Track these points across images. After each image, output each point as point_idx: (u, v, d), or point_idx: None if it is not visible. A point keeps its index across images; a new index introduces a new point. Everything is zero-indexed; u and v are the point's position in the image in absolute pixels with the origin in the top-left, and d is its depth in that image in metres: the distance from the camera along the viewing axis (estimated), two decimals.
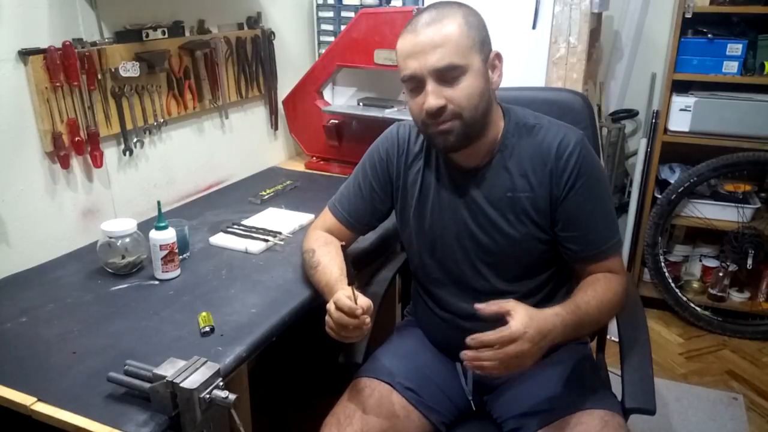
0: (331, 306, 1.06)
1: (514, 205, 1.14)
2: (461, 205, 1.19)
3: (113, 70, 1.52)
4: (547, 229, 1.15)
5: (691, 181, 2.36)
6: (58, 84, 1.39)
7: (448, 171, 1.20)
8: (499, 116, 1.16)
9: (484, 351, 0.95)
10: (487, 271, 1.20)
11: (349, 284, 1.09)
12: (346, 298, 1.04)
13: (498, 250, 1.17)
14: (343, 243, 1.28)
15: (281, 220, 1.66)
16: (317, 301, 1.23)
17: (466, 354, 0.96)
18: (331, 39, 2.24)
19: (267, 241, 1.51)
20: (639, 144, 2.58)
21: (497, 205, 1.16)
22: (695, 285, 2.61)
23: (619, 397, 1.11)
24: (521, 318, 0.95)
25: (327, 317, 1.07)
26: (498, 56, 1.12)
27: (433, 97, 1.04)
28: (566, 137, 1.12)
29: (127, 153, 1.63)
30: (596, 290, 1.10)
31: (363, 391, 1.18)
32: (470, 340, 0.95)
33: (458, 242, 1.20)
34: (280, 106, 2.22)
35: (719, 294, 2.52)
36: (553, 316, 1.00)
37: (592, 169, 1.12)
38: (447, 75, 1.04)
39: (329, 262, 1.21)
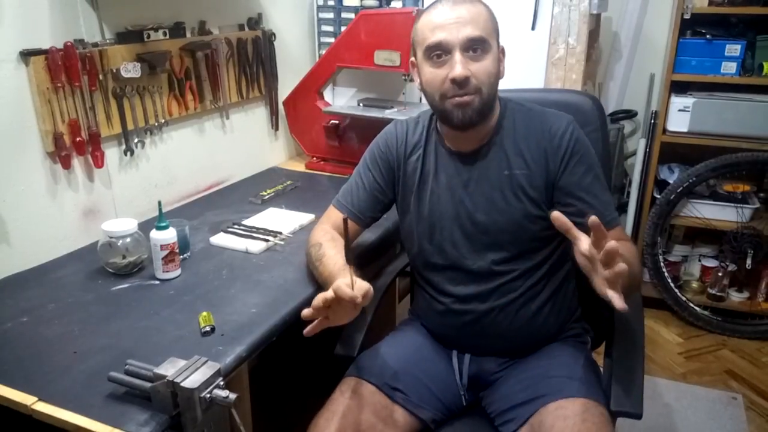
0: (329, 294, 1.03)
1: (511, 182, 1.19)
2: (460, 187, 1.23)
3: (114, 70, 1.52)
4: (543, 206, 1.19)
5: (690, 181, 2.36)
6: (59, 84, 1.40)
7: (447, 156, 1.25)
8: (497, 104, 1.23)
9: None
10: (484, 252, 1.22)
11: (348, 262, 1.07)
12: (346, 286, 1.02)
13: (496, 229, 1.20)
14: (346, 216, 1.23)
15: (281, 220, 1.66)
16: None
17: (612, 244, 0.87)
18: (332, 40, 2.24)
19: (267, 241, 1.51)
20: (638, 144, 2.58)
21: (495, 184, 1.20)
22: (694, 285, 2.62)
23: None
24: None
25: (317, 297, 1.02)
26: (503, 50, 1.21)
27: (461, 66, 1.10)
28: (558, 118, 1.21)
29: (128, 153, 1.64)
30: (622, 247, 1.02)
31: (346, 393, 1.20)
32: (592, 220, 0.87)
33: (457, 223, 1.23)
34: (281, 106, 2.22)
35: (718, 294, 2.53)
36: None
37: (586, 147, 1.19)
38: (475, 48, 1.11)
39: (335, 254, 1.21)
